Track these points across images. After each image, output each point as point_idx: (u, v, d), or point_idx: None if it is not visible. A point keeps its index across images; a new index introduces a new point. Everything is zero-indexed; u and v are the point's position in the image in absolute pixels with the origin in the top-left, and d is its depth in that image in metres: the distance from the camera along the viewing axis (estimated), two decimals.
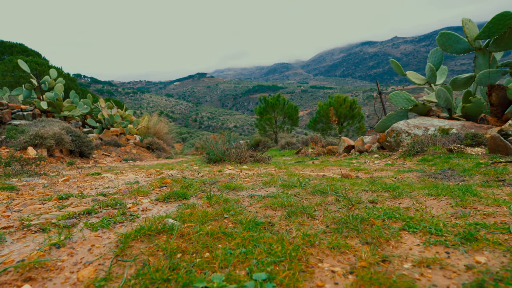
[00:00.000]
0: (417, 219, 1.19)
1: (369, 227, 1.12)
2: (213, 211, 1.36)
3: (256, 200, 1.67)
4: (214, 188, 2.11)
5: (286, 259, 0.85)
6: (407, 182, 2.66)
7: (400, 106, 7.32)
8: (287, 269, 0.79)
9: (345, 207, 1.43)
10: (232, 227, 1.15)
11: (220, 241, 0.99)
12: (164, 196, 1.76)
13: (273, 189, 2.06)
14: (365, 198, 1.68)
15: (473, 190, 1.78)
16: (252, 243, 0.95)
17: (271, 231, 1.10)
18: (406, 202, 1.59)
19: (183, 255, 0.89)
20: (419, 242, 0.99)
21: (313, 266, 0.84)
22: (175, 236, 1.01)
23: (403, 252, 0.92)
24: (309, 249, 0.94)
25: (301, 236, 1.01)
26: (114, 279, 0.79)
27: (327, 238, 1.03)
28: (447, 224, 1.13)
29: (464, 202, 1.50)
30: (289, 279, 0.74)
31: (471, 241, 0.95)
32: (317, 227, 1.15)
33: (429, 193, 1.74)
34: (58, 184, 3.30)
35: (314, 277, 0.79)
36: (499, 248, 0.90)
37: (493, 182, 2.65)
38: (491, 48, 6.64)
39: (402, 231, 1.08)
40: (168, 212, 1.45)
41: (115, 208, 1.58)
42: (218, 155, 4.81)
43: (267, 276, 0.75)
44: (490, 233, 1.03)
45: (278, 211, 1.40)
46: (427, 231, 1.06)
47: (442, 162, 4.29)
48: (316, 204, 1.51)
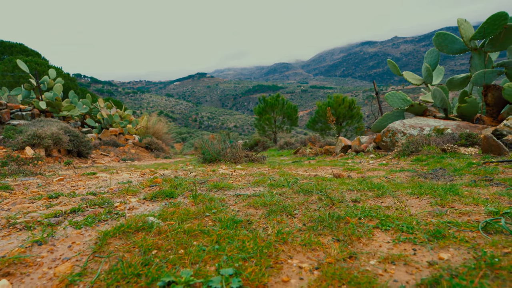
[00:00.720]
0: (392, 218, 1.22)
1: (344, 225, 1.15)
2: (196, 210, 1.39)
3: (241, 199, 1.70)
4: (202, 188, 2.14)
5: (257, 256, 0.87)
6: (396, 182, 2.69)
7: (396, 106, 7.35)
8: (255, 265, 0.82)
9: (326, 206, 1.46)
10: (211, 225, 1.18)
11: (197, 238, 1.02)
12: (151, 195, 1.79)
13: (261, 188, 2.09)
14: (348, 197, 1.70)
15: (456, 190, 1.80)
16: (226, 240, 0.98)
17: (248, 229, 1.13)
18: (388, 201, 1.61)
19: (158, 251, 0.92)
20: (389, 240, 1.02)
21: (282, 262, 0.87)
22: (153, 234, 1.04)
23: (372, 249, 0.95)
24: (281, 246, 0.97)
25: (275, 234, 1.04)
26: (88, 275, 0.82)
27: (301, 235, 1.05)
28: (421, 222, 1.16)
29: (444, 201, 1.53)
30: (255, 274, 0.77)
31: (439, 239, 0.98)
32: (294, 225, 1.18)
33: (413, 192, 1.77)
34: (52, 184, 3.33)
35: (281, 273, 0.81)
36: (465, 245, 0.93)
37: (481, 181, 2.68)
38: (486, 49, 6.66)
39: (375, 229, 1.11)
40: (153, 210, 1.48)
41: (102, 207, 1.61)
42: (213, 155, 4.84)
43: (234, 272, 0.78)
44: (460, 231, 1.05)
45: (260, 210, 1.43)
46: (399, 229, 1.08)
47: (435, 162, 4.31)
48: (298, 203, 1.54)
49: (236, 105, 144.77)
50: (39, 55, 28.81)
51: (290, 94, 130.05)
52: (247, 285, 0.74)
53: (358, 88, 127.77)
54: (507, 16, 6.06)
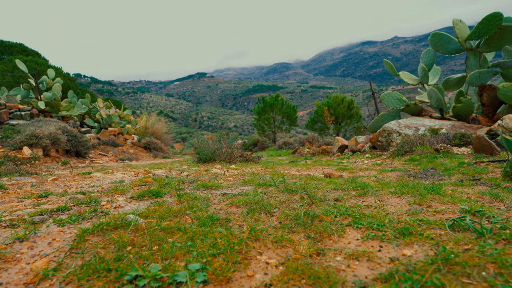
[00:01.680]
0: (367, 216, 1.25)
1: (318, 223, 1.18)
2: (178, 208, 1.42)
3: (226, 198, 1.73)
4: (190, 187, 2.17)
5: (227, 252, 0.91)
6: (384, 182, 2.72)
7: (392, 106, 7.38)
8: (224, 260, 0.85)
9: (306, 205, 1.49)
10: (190, 222, 1.21)
11: (172, 235, 1.05)
12: (138, 195, 1.82)
13: (248, 187, 2.12)
14: (332, 196, 1.74)
15: (438, 189, 1.83)
16: (200, 237, 1.01)
17: (225, 227, 1.16)
18: (369, 200, 1.65)
19: (132, 248, 0.95)
20: (359, 237, 1.05)
21: (251, 258, 0.90)
22: (130, 231, 1.07)
23: (341, 246, 0.98)
24: (253, 243, 1.00)
25: (248, 231, 1.07)
26: (62, 269, 0.85)
27: (274, 233, 1.09)
28: (394, 220, 1.19)
29: (422, 200, 1.56)
30: (221, 269, 0.80)
31: (406, 236, 1.01)
32: (270, 223, 1.22)
33: (395, 191, 1.80)
34: (46, 183, 3.36)
35: (248, 268, 0.84)
36: (430, 242, 0.96)
37: (468, 181, 2.71)
38: (481, 49, 6.69)
39: (348, 227, 1.14)
40: (137, 209, 1.51)
41: (88, 205, 1.65)
42: (208, 155, 4.88)
43: (200, 267, 0.81)
44: (430, 229, 1.08)
45: (241, 208, 1.46)
46: (370, 227, 1.11)
47: (427, 162, 4.34)
48: (280, 202, 1.57)
49: (236, 105, 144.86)
50: (39, 55, 28.86)
51: (290, 94, 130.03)
52: (212, 279, 0.77)
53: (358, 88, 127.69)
54: (501, 17, 6.09)
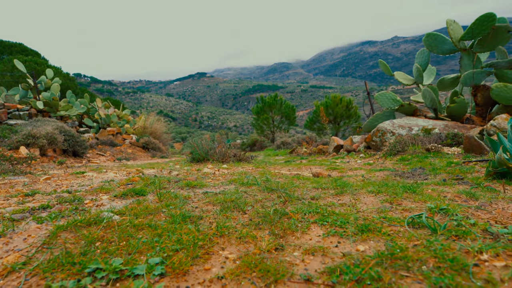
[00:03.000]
0: (336, 214, 1.29)
1: (286, 220, 1.22)
2: (155, 206, 1.46)
3: (206, 197, 1.77)
4: (175, 186, 2.21)
5: (190, 247, 0.95)
6: (370, 181, 2.76)
7: (386, 106, 7.42)
8: (185, 255, 0.90)
9: (280, 203, 1.53)
10: (163, 220, 1.25)
11: (143, 232, 1.10)
12: (122, 193, 1.87)
13: (232, 186, 2.16)
14: (310, 195, 1.78)
15: (414, 188, 1.87)
16: (167, 234, 1.05)
17: (195, 224, 1.20)
18: (345, 199, 1.69)
19: (101, 243, 1.00)
20: (321, 233, 1.09)
21: (213, 253, 0.94)
22: (102, 227, 1.12)
23: (302, 242, 1.02)
24: (218, 238, 1.05)
25: (215, 228, 1.12)
26: (31, 263, 0.89)
27: (241, 229, 1.13)
28: (359, 218, 1.23)
29: (396, 198, 1.60)
30: (180, 263, 0.84)
31: (365, 232, 1.05)
32: (239, 220, 1.26)
33: (373, 190, 1.84)
34: (38, 183, 3.40)
35: (207, 262, 0.89)
36: (385, 238, 1.00)
37: (451, 180, 2.75)
38: (475, 49, 6.72)
39: (314, 224, 1.18)
40: (117, 207, 1.56)
41: (72, 204, 1.69)
42: (202, 155, 4.92)
43: (160, 261, 0.85)
44: (390, 226, 1.13)
45: (217, 206, 1.50)
46: (334, 224, 1.15)
47: (417, 161, 4.38)
48: (256, 200, 1.61)
49: (236, 104, 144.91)
50: (38, 55, 28.92)
51: (290, 94, 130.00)
52: (169, 272, 0.81)
53: (358, 87, 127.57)
54: (495, 17, 6.12)
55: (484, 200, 1.82)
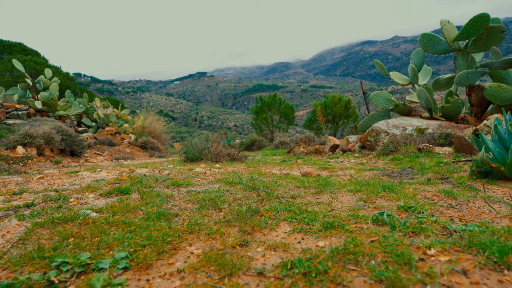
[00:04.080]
0: (307, 212, 1.33)
1: (258, 217, 1.26)
2: (135, 204, 1.50)
3: (189, 195, 1.81)
4: (162, 185, 2.26)
5: (158, 243, 0.99)
6: (356, 180, 2.79)
7: (381, 106, 7.45)
8: (152, 250, 0.94)
9: (258, 201, 1.57)
10: (140, 217, 1.29)
11: (117, 228, 1.14)
12: (107, 192, 1.91)
13: (216, 185, 2.20)
14: (290, 194, 1.82)
15: (393, 187, 1.91)
16: (139, 230, 1.09)
17: (170, 221, 1.24)
18: (324, 198, 1.73)
19: (75, 239, 1.04)
20: (288, 230, 1.13)
21: (180, 249, 0.98)
22: (78, 224, 1.16)
23: (268, 238, 1.06)
24: (187, 235, 1.09)
25: (186, 225, 1.16)
26: (4, 257, 0.93)
27: (213, 226, 1.17)
28: (328, 215, 1.27)
29: (372, 197, 1.63)
30: (145, 258, 0.88)
31: (329, 229, 1.09)
32: (213, 217, 1.30)
33: (352, 189, 1.88)
34: (31, 182, 3.45)
35: (172, 257, 0.93)
36: (346, 234, 1.04)
37: (436, 180, 2.79)
38: (469, 49, 6.75)
39: (283, 221, 1.22)
40: (99, 205, 1.60)
41: (57, 202, 1.73)
42: (195, 154, 4.96)
43: (125, 255, 0.89)
44: (357, 223, 1.16)
45: (196, 204, 1.54)
46: (302, 221, 1.19)
47: (408, 161, 4.42)
48: (235, 199, 1.65)
49: (236, 104, 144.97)
50: (38, 54, 28.98)
51: (290, 94, 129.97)
52: (133, 266, 0.85)
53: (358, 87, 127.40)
54: (488, 18, 6.15)
55: (462, 199, 1.86)
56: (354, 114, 22.42)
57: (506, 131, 2.76)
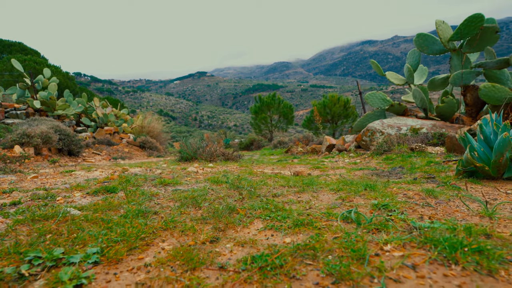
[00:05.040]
0: (283, 209, 1.37)
1: (235, 215, 1.30)
2: (117, 202, 1.54)
3: (173, 194, 1.85)
4: (150, 184, 2.29)
5: (132, 239, 1.03)
6: (344, 180, 2.83)
7: (376, 106, 7.48)
8: (124, 245, 0.98)
9: (239, 200, 1.60)
10: (120, 215, 1.33)
11: (95, 225, 1.18)
12: (94, 191, 1.95)
13: (203, 184, 2.24)
14: (273, 192, 1.85)
15: (374, 186, 1.95)
16: (116, 227, 1.13)
17: (148, 218, 1.28)
18: (305, 196, 1.76)
19: (52, 235, 1.08)
20: (260, 227, 1.16)
21: (152, 245, 1.02)
22: (58, 221, 1.20)
23: (239, 235, 1.10)
24: (162, 231, 1.12)
25: (161, 222, 1.20)
26: None
27: (188, 223, 1.21)
28: (303, 213, 1.31)
29: (350, 196, 1.67)
30: (116, 253, 0.92)
31: (299, 226, 1.12)
32: (192, 215, 1.34)
33: (334, 188, 1.92)
34: (25, 181, 3.49)
35: (144, 252, 0.97)
36: (314, 231, 1.07)
37: (422, 179, 2.82)
38: (464, 49, 6.77)
39: (257, 219, 1.26)
40: (84, 203, 1.64)
41: (44, 200, 1.77)
42: (190, 154, 5.00)
43: (97, 250, 0.93)
44: (328, 220, 1.20)
45: (177, 203, 1.58)
46: (275, 219, 1.23)
47: (400, 160, 4.45)
48: (218, 197, 1.69)
49: (236, 104, 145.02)
50: (38, 54, 29.03)
51: (290, 93, 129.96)
52: (103, 261, 0.89)
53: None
54: (483, 18, 6.17)
55: (443, 198, 1.90)
56: (353, 113, 22.45)
57: (492, 131, 2.79)
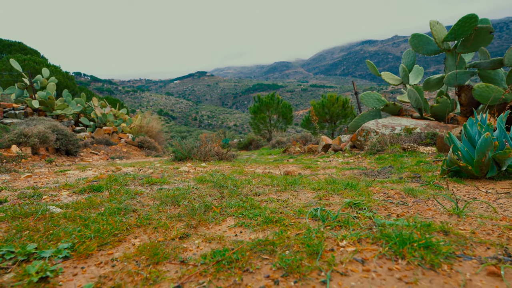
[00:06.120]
0: (259, 207, 1.41)
1: (210, 213, 1.34)
2: (99, 200, 1.58)
3: (157, 193, 1.89)
4: (137, 183, 2.34)
5: (105, 235, 1.07)
6: (331, 179, 2.87)
7: (371, 106, 7.51)
8: (95, 241, 1.02)
9: (218, 198, 1.65)
10: (98, 212, 1.37)
11: (72, 222, 1.22)
12: (80, 190, 1.99)
13: (188, 183, 2.28)
14: (255, 191, 1.89)
15: (355, 185, 1.98)
16: (92, 224, 1.17)
17: (125, 216, 1.32)
18: (285, 195, 1.80)
19: (29, 232, 1.12)
20: (232, 224, 1.20)
21: (124, 241, 1.06)
22: (37, 218, 1.24)
23: (210, 232, 1.14)
24: (136, 228, 1.17)
25: (136, 219, 1.24)
26: None
27: (164, 220, 1.25)
28: (276, 211, 1.35)
29: (328, 195, 1.71)
30: (87, 248, 0.96)
31: (269, 223, 1.16)
32: (169, 213, 1.38)
33: (315, 187, 1.96)
34: (18, 180, 3.53)
35: (115, 248, 1.01)
36: (281, 228, 1.11)
37: (408, 178, 2.86)
38: (458, 50, 6.79)
39: (230, 216, 1.30)
40: (68, 201, 1.68)
41: (30, 199, 1.81)
42: (184, 154, 5.04)
43: (69, 246, 0.97)
44: (298, 218, 1.24)
45: (158, 201, 1.62)
46: (247, 217, 1.27)
47: (391, 160, 4.49)
48: (200, 196, 1.73)
49: (236, 104, 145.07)
50: (38, 54, 29.10)
51: (290, 93, 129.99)
52: (73, 255, 0.93)
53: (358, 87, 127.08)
54: (476, 19, 6.19)
55: (422, 197, 1.93)
56: (352, 113, 22.48)
57: (477, 131, 2.83)
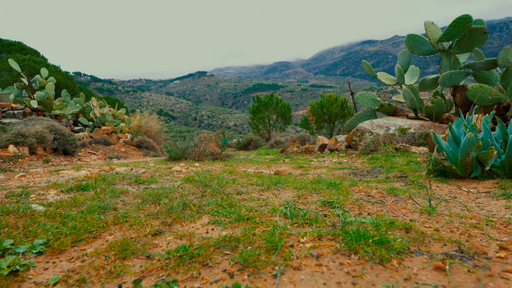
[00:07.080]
0: (237, 206, 1.45)
1: (187, 211, 1.38)
2: (83, 199, 1.63)
3: (143, 192, 1.94)
4: (125, 182, 2.38)
5: (80, 232, 1.11)
6: (320, 179, 2.90)
7: (367, 106, 7.54)
8: (70, 238, 1.06)
9: (200, 197, 1.69)
10: (79, 210, 1.42)
11: (52, 220, 1.26)
12: (68, 189, 2.03)
13: (175, 183, 2.32)
14: (238, 190, 1.93)
15: (337, 185, 2.02)
16: (71, 221, 1.22)
17: (104, 214, 1.36)
18: (267, 194, 1.84)
19: (9, 229, 1.16)
20: (206, 222, 1.24)
21: (100, 237, 1.11)
22: (19, 216, 1.28)
23: (184, 229, 1.18)
24: (113, 226, 1.21)
25: (113, 217, 1.28)
26: None
27: (141, 218, 1.29)
28: (253, 209, 1.39)
29: (310, 193, 1.75)
30: (60, 244, 1.00)
31: (241, 221, 1.20)
32: (147, 211, 1.42)
33: (297, 186, 1.99)
34: (12, 179, 3.57)
35: (88, 244, 1.05)
36: (251, 225, 1.15)
37: (395, 178, 2.90)
38: (453, 50, 6.82)
39: (206, 215, 1.34)
40: (53, 200, 1.72)
41: (18, 197, 1.86)
42: (178, 154, 5.08)
43: (43, 242, 1.01)
44: (271, 216, 1.28)
45: (140, 200, 1.66)
46: (221, 215, 1.31)
47: (383, 160, 4.52)
48: (182, 195, 1.77)
49: (236, 103, 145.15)
50: (37, 54, 29.16)
51: (290, 93, 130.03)
52: (47, 251, 0.97)
53: (358, 87, 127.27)
54: (471, 19, 6.22)
55: (404, 196, 1.97)
56: (350, 113, 22.50)
57: (462, 132, 2.87)
